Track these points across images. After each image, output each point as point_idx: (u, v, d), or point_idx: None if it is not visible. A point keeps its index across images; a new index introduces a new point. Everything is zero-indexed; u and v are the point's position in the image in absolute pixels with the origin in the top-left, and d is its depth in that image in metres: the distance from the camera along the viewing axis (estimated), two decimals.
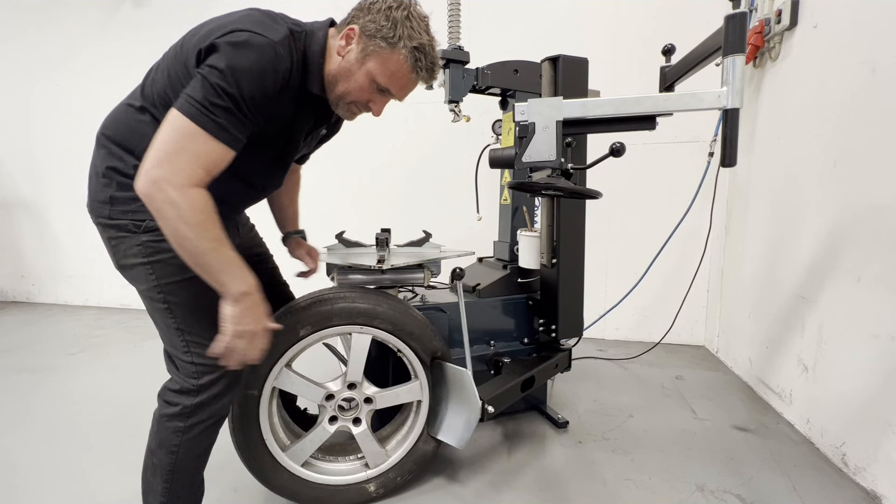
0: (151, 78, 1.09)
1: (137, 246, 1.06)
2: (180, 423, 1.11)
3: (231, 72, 0.94)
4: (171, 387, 1.14)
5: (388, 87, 1.12)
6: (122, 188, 1.06)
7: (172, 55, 1.06)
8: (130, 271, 1.10)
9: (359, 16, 1.08)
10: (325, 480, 1.47)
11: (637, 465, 1.70)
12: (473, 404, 1.42)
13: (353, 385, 1.46)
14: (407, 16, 1.06)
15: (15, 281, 4.26)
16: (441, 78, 1.84)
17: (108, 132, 1.09)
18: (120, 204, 1.06)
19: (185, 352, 1.10)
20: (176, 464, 1.13)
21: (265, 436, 1.38)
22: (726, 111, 1.18)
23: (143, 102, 1.07)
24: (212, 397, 1.12)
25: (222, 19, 1.04)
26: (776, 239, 2.16)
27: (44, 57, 3.83)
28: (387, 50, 1.07)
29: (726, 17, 1.14)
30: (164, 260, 1.06)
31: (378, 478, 1.51)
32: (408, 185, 3.42)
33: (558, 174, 1.33)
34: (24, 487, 1.58)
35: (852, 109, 1.66)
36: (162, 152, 0.93)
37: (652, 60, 1.69)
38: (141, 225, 1.05)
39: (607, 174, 2.83)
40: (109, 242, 1.10)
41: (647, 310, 3.07)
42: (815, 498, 1.50)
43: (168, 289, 1.08)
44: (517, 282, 1.98)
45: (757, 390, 2.29)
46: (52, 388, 2.34)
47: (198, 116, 0.93)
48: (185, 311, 1.09)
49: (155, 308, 1.10)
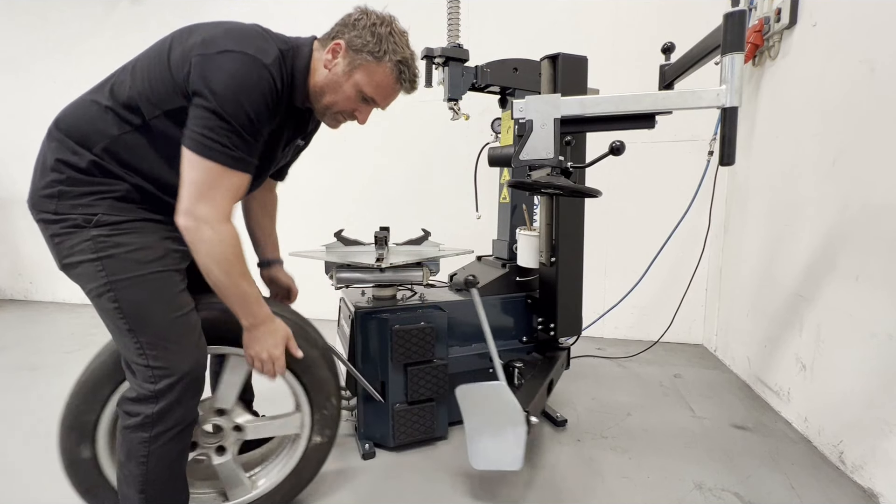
0: (122, 80, 1.07)
1: (86, 241, 1.02)
2: (144, 433, 1.06)
3: (235, 102, 0.99)
4: (129, 395, 1.08)
5: (374, 97, 1.19)
6: (72, 183, 1.03)
7: (155, 60, 1.05)
8: (76, 269, 1.05)
9: (343, 31, 1.14)
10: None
11: (635, 463, 1.70)
12: (516, 416, 1.31)
13: (221, 411, 1.28)
14: (390, 32, 1.14)
15: (12, 279, 4.24)
16: (440, 76, 1.84)
17: (65, 125, 1.06)
18: (68, 199, 1.03)
19: (139, 354, 1.05)
20: (148, 474, 1.08)
21: (100, 458, 1.19)
22: (725, 109, 1.18)
23: (109, 102, 1.05)
24: (172, 403, 1.06)
25: (211, 31, 1.05)
26: (775, 238, 2.17)
27: (41, 53, 3.82)
28: (373, 63, 1.14)
29: (725, 16, 1.14)
30: (116, 255, 1.03)
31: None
32: (407, 184, 3.41)
33: (557, 172, 1.33)
34: (21, 486, 1.58)
35: (851, 108, 1.66)
36: (196, 192, 1.00)
37: (651, 59, 1.69)
38: (92, 219, 1.02)
39: (606, 173, 2.82)
40: (52, 240, 1.05)
41: (646, 308, 3.08)
42: (813, 496, 1.51)
43: (119, 286, 1.03)
44: (516, 280, 1.98)
45: (755, 389, 2.30)
46: (50, 387, 2.34)
47: (219, 157, 1.00)
48: (137, 311, 1.04)
49: (104, 308, 1.05)
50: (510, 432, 1.34)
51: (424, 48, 1.80)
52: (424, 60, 1.82)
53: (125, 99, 1.04)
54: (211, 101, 0.97)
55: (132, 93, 1.04)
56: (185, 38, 1.05)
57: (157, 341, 1.05)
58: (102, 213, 1.03)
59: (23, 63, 3.86)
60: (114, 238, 1.03)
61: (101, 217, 1.03)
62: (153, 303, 1.05)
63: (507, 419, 1.34)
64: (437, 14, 1.23)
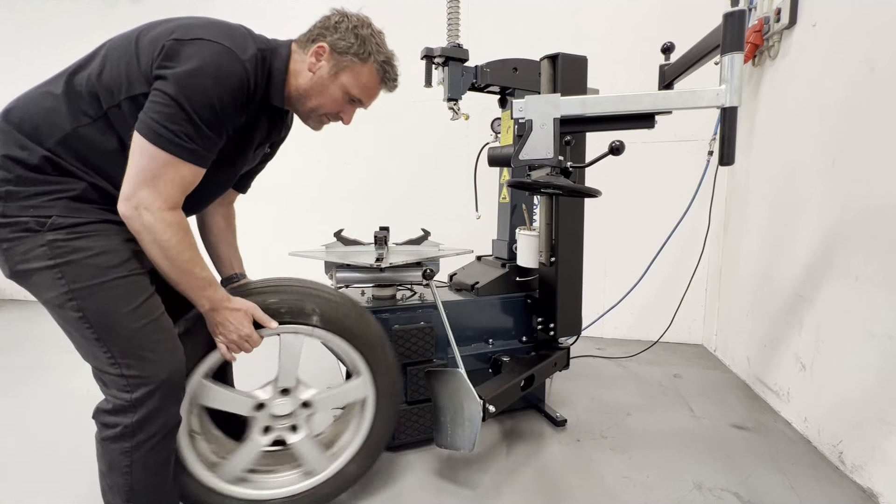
0: (80, 69, 1.02)
1: (41, 247, 0.94)
2: (126, 443, 1.02)
3: (202, 92, 0.95)
4: (104, 407, 1.03)
5: (360, 98, 1.20)
6: (21, 182, 0.95)
7: (121, 46, 1.01)
8: (31, 278, 0.97)
9: (324, 34, 1.14)
10: (264, 496, 1.32)
11: (635, 463, 1.70)
12: (473, 404, 1.39)
13: (286, 391, 1.31)
14: (371, 33, 1.15)
15: None
16: (440, 76, 1.84)
17: (15, 117, 0.99)
18: (17, 199, 0.94)
19: (111, 364, 0.99)
20: (133, 483, 1.04)
21: (185, 455, 1.22)
22: (725, 109, 1.18)
23: (65, 93, 0.99)
24: (154, 411, 1.02)
25: (190, 21, 1.03)
26: (774, 238, 2.17)
27: (41, 51, 3.82)
28: (359, 64, 1.15)
29: (725, 15, 1.14)
30: (76, 261, 0.95)
31: (322, 485, 1.37)
32: (407, 184, 3.41)
33: (557, 172, 1.33)
34: (19, 485, 1.58)
35: (851, 108, 1.66)
36: (139, 178, 0.95)
37: (651, 59, 1.69)
38: (45, 222, 0.94)
39: (606, 173, 2.82)
40: (1, 245, 0.96)
41: (646, 308, 3.08)
42: (813, 496, 1.51)
43: (82, 294, 0.96)
44: (516, 280, 1.98)
45: (755, 389, 2.30)
46: (49, 386, 2.34)
47: (171, 147, 0.95)
48: (105, 318, 0.98)
49: (66, 318, 0.98)
50: (467, 417, 1.40)
51: (424, 48, 1.81)
52: (424, 60, 1.82)
53: (84, 88, 0.99)
54: (173, 88, 0.93)
55: (92, 81, 0.99)
56: (157, 26, 1.03)
57: (130, 349, 1.00)
58: (57, 214, 0.95)
59: (21, 63, 3.86)
60: (72, 242, 0.95)
61: (56, 219, 0.95)
62: (121, 310, 0.98)
63: (465, 405, 1.41)
64: (436, 14, 1.23)
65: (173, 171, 0.97)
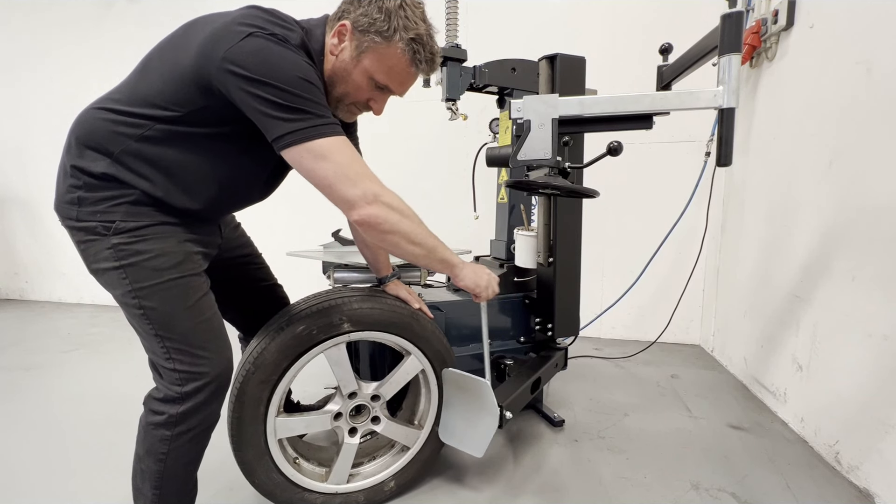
0: (133, 83, 1.02)
1: (108, 249, 1.00)
2: (167, 431, 1.07)
3: (295, 78, 0.91)
4: (156, 395, 1.09)
5: (388, 84, 1.07)
6: (89, 189, 1.01)
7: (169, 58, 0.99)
8: (104, 276, 1.04)
9: (349, 10, 1.02)
10: (378, 479, 1.47)
11: (632, 463, 1.71)
12: (492, 413, 1.37)
13: (353, 394, 1.40)
14: (400, 5, 1.00)
15: (8, 278, 4.23)
16: (438, 76, 1.83)
17: (81, 132, 1.02)
18: (87, 205, 1.01)
19: (166, 358, 1.05)
20: (165, 471, 1.09)
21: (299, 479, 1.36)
22: (722, 110, 1.18)
23: (121, 107, 1.00)
24: (198, 405, 1.07)
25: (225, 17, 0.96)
26: (771, 238, 2.17)
27: (37, 52, 3.80)
28: (382, 45, 1.01)
29: (722, 17, 1.14)
30: (137, 263, 1.01)
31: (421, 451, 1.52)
32: (404, 184, 3.39)
33: (555, 173, 1.33)
34: (16, 486, 1.57)
35: (848, 109, 1.67)
36: (336, 186, 0.97)
37: (649, 59, 1.69)
38: (111, 227, 1.00)
39: (604, 173, 2.82)
40: (80, 246, 1.04)
41: (643, 309, 3.08)
42: (809, 496, 1.51)
43: (143, 293, 1.02)
44: (514, 280, 1.98)
45: (752, 389, 2.30)
46: (46, 387, 2.33)
47: (315, 133, 0.93)
48: (163, 317, 1.04)
49: (132, 314, 1.06)
50: (482, 423, 1.41)
51: None
52: None
53: (138, 103, 1.00)
54: (268, 90, 0.90)
55: (146, 94, 0.99)
56: (199, 28, 0.97)
57: (184, 347, 1.05)
58: (119, 219, 1.00)
59: (20, 62, 3.85)
60: (133, 245, 1.01)
61: (119, 224, 1.00)
62: (177, 310, 1.04)
63: (484, 411, 1.40)
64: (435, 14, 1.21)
65: (346, 148, 0.97)
